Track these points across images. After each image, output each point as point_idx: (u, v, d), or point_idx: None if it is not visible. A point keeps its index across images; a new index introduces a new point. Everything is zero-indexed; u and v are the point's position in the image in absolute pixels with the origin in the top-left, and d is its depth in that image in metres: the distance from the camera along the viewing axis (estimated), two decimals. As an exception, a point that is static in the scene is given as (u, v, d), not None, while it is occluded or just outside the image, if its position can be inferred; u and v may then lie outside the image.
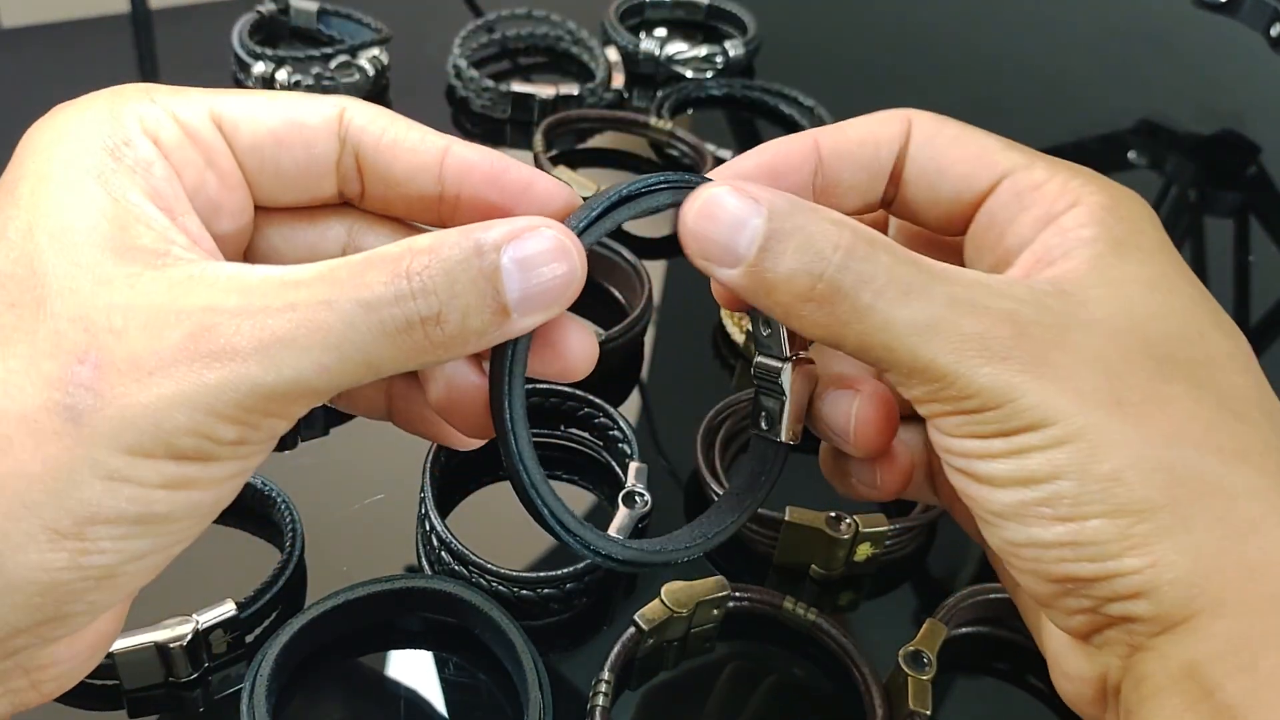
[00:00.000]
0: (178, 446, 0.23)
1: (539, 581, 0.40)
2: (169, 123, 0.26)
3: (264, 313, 0.23)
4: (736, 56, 0.75)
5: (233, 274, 0.24)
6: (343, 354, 0.23)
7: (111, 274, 0.23)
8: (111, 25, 0.74)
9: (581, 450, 0.48)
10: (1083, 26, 0.91)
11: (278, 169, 0.28)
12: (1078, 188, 0.28)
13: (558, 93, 0.68)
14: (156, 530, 0.24)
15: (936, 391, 0.26)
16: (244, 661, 0.39)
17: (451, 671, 0.40)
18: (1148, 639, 0.26)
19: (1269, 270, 0.67)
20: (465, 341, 0.24)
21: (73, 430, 0.22)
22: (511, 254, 0.24)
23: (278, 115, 0.27)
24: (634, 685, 0.41)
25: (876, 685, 0.39)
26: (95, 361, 0.23)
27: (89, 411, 0.22)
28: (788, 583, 0.45)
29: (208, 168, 0.27)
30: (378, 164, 0.28)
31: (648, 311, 0.53)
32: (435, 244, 0.24)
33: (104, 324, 0.23)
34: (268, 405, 0.23)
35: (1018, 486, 0.26)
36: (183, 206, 0.26)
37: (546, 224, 0.25)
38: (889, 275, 0.26)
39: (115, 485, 0.23)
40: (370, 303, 0.23)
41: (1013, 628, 0.43)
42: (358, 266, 0.24)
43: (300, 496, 0.42)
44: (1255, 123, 0.80)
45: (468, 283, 0.24)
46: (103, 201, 0.24)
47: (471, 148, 0.28)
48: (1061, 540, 0.26)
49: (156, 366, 0.23)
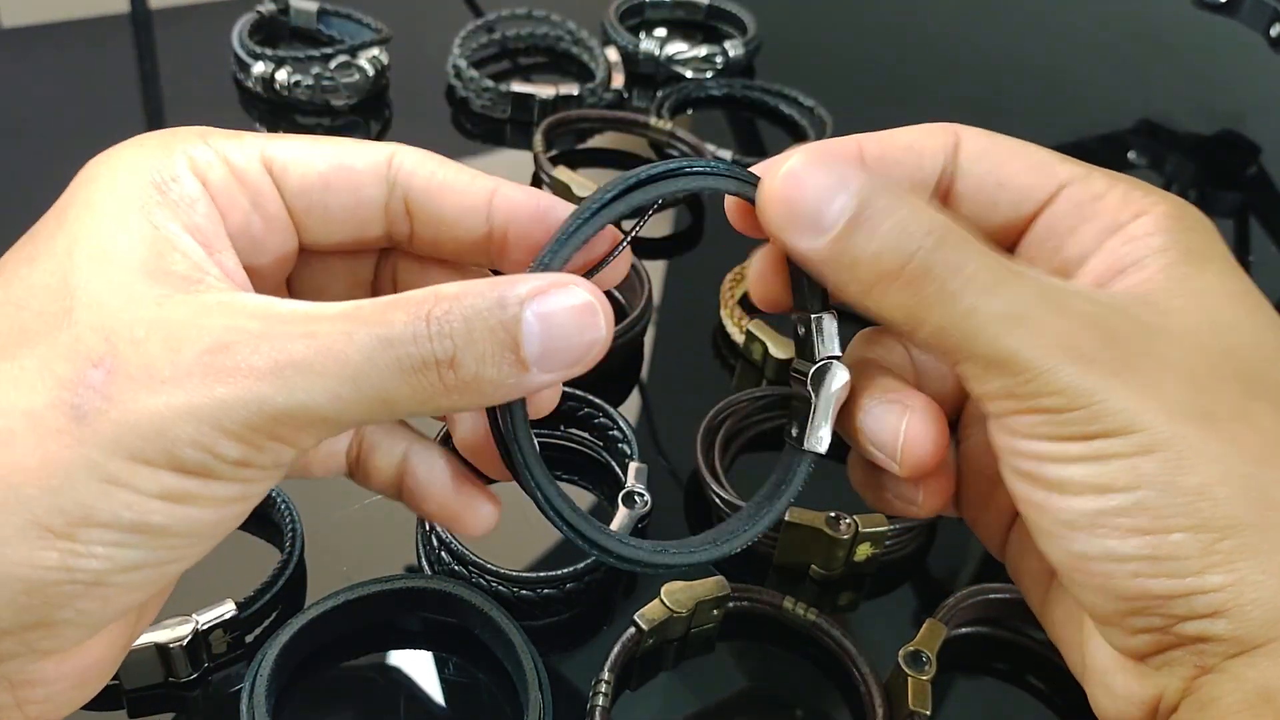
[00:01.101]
0: (180, 458, 0.23)
1: (539, 581, 0.40)
2: (219, 164, 0.27)
3: (284, 337, 0.23)
4: (736, 56, 0.75)
5: (260, 302, 0.24)
6: (358, 386, 0.23)
7: (141, 293, 0.24)
8: (111, 25, 0.74)
9: (581, 450, 0.48)
10: (1083, 26, 0.91)
11: (325, 212, 0.28)
12: (1139, 198, 0.28)
13: (558, 93, 0.68)
14: (151, 542, 0.23)
15: (1015, 386, 0.25)
16: (244, 661, 0.39)
17: (451, 671, 0.40)
18: (1221, 660, 0.25)
19: (1269, 270, 0.67)
20: (480, 390, 0.24)
21: (75, 429, 0.22)
22: (535, 309, 0.24)
23: (326, 160, 0.28)
24: (634, 685, 0.41)
25: (876, 685, 0.39)
26: (109, 367, 0.23)
27: (94, 413, 0.22)
28: (788, 583, 0.45)
29: (254, 209, 0.27)
30: (427, 206, 0.28)
31: (648, 311, 0.53)
32: (461, 291, 0.24)
33: (125, 335, 0.23)
34: (275, 427, 0.23)
35: (1094, 494, 0.25)
36: (221, 244, 0.26)
37: (577, 282, 0.25)
38: (979, 264, 0.26)
39: (112, 489, 0.23)
40: (389, 339, 0.23)
41: (1013, 628, 0.43)
42: (382, 305, 0.24)
43: (300, 496, 0.42)
44: (1255, 123, 0.80)
45: (485, 332, 0.24)
46: (142, 229, 0.25)
47: (518, 188, 0.28)
48: (1140, 554, 0.25)
49: (170, 377, 0.23)
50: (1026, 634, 0.43)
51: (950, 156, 0.30)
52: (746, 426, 0.49)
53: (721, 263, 0.57)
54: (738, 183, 0.28)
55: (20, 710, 0.25)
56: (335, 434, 0.25)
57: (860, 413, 0.29)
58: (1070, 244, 0.29)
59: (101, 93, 0.69)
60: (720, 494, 0.45)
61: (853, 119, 0.71)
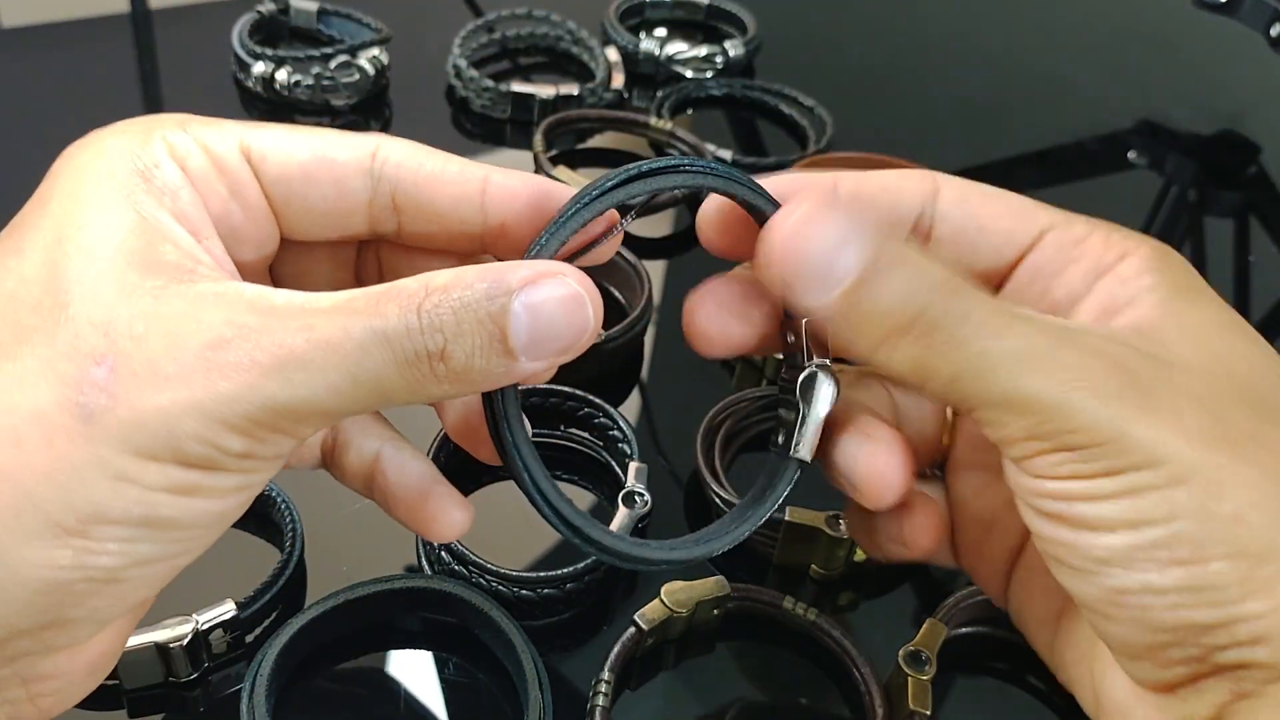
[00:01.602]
0: (186, 453, 0.23)
1: (539, 581, 0.40)
2: (197, 151, 0.26)
3: (283, 331, 0.23)
4: (736, 56, 0.75)
5: (256, 294, 0.24)
6: (355, 378, 0.23)
7: (136, 285, 0.24)
8: (111, 25, 0.74)
9: (581, 450, 0.48)
10: (1083, 26, 0.91)
11: (306, 204, 0.28)
12: (1120, 240, 0.28)
13: (558, 93, 0.68)
14: (160, 536, 0.24)
15: (1036, 426, 0.25)
16: (244, 661, 0.39)
17: (451, 671, 0.40)
18: (1261, 685, 0.25)
19: (1269, 270, 0.67)
20: (470, 379, 0.24)
21: (84, 429, 0.22)
22: (524, 299, 0.24)
23: (308, 150, 0.27)
24: (634, 685, 0.41)
25: (876, 685, 0.39)
26: (112, 365, 0.23)
27: (101, 412, 0.22)
28: (788, 583, 0.45)
29: (232, 198, 0.27)
30: (418, 199, 0.28)
31: (648, 311, 0.53)
32: (451, 282, 0.24)
33: (125, 330, 0.23)
34: (277, 421, 0.23)
35: (1128, 529, 0.25)
36: (208, 231, 0.26)
37: (567, 271, 0.25)
38: (986, 310, 0.25)
39: (122, 486, 0.23)
40: (384, 333, 0.23)
41: (1013, 628, 0.43)
42: (375, 296, 0.24)
43: (300, 496, 0.42)
44: (1255, 123, 0.80)
45: (474, 323, 0.24)
46: (131, 219, 0.24)
47: (511, 174, 0.28)
48: (1180, 585, 0.24)
49: (173, 373, 0.23)
50: (1026, 634, 0.43)
51: (929, 201, 0.30)
52: (746, 426, 0.49)
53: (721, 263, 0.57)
54: (741, 187, 0.27)
55: (33, 704, 0.25)
56: (334, 423, 0.25)
57: (832, 446, 0.29)
58: (1057, 286, 0.29)
59: (101, 93, 0.69)
60: (720, 494, 0.45)
61: (853, 119, 0.71)
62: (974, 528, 0.31)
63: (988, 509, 0.31)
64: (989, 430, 0.26)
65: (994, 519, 0.31)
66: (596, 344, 0.49)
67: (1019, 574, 0.31)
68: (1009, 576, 0.31)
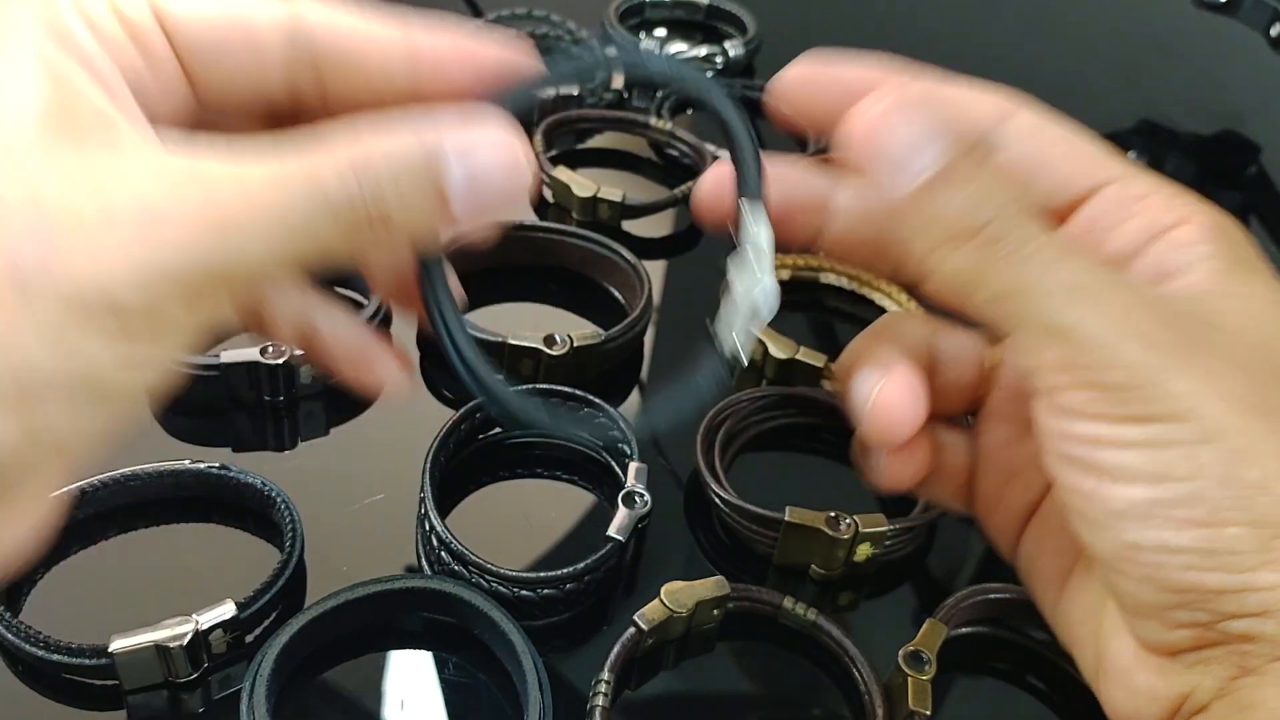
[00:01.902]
0: (126, 319, 0.23)
1: (539, 581, 0.40)
2: (109, 14, 0.26)
3: (215, 189, 0.23)
4: (736, 56, 0.75)
5: (184, 156, 0.24)
6: (294, 240, 0.23)
7: (61, 151, 0.23)
8: None
9: (581, 450, 0.48)
10: (1083, 26, 0.91)
11: (221, 67, 0.27)
12: (1183, 205, 0.28)
13: (558, 93, 0.68)
14: (104, 404, 0.23)
15: (1073, 358, 0.25)
16: (244, 661, 0.39)
17: (451, 671, 0.40)
18: (1265, 662, 0.24)
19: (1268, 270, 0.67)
20: (409, 235, 0.25)
21: (18, 297, 0.22)
22: (457, 152, 0.24)
23: (221, 10, 0.27)
24: (634, 685, 0.41)
25: (876, 685, 0.39)
26: (44, 233, 0.22)
27: (36, 278, 0.22)
28: (788, 583, 0.45)
29: (144, 60, 0.26)
30: (346, 63, 0.27)
31: (648, 311, 0.53)
32: (389, 147, 0.24)
33: (54, 197, 0.22)
34: (216, 282, 0.23)
35: (1149, 483, 0.25)
36: (124, 93, 0.25)
37: (496, 122, 0.25)
38: (1049, 237, 0.26)
39: (64, 353, 0.22)
40: (324, 197, 0.23)
41: (1013, 628, 0.43)
42: (308, 155, 0.24)
43: (300, 496, 0.42)
44: (1255, 123, 0.80)
45: (409, 179, 0.24)
46: (48, 83, 0.24)
47: (439, 32, 0.27)
48: (1194, 546, 0.24)
49: (108, 238, 0.22)
50: (1026, 634, 0.43)
51: (996, 124, 0.30)
52: (746, 426, 0.49)
53: (721, 263, 0.57)
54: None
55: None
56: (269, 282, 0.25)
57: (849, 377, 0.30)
58: (1112, 240, 0.28)
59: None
60: (720, 494, 0.45)
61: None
62: (996, 477, 0.31)
63: (1013, 461, 0.31)
64: (1025, 355, 0.26)
65: (1017, 472, 0.31)
66: (596, 344, 0.50)
67: (1032, 529, 0.31)
68: (1021, 532, 0.31)
